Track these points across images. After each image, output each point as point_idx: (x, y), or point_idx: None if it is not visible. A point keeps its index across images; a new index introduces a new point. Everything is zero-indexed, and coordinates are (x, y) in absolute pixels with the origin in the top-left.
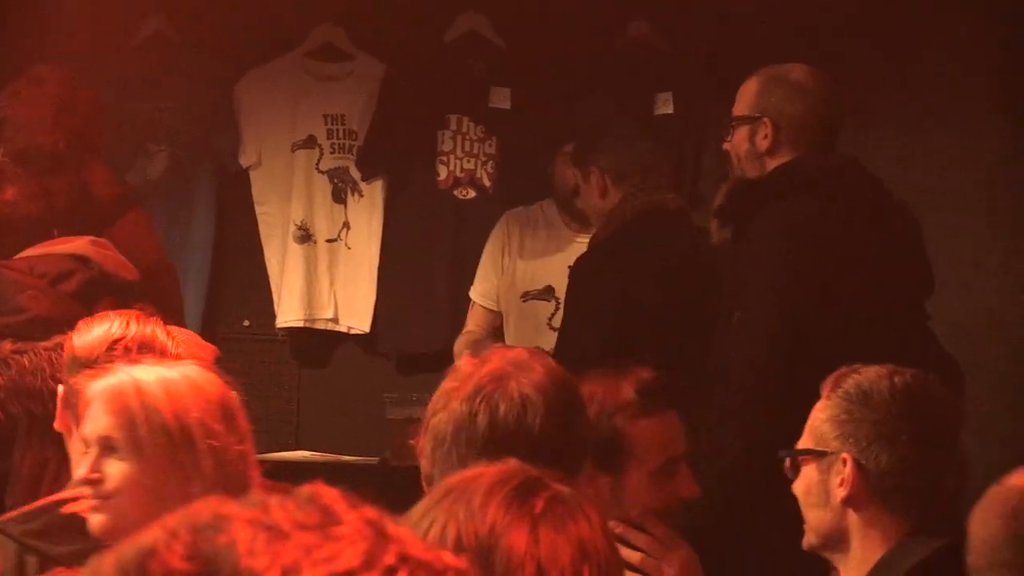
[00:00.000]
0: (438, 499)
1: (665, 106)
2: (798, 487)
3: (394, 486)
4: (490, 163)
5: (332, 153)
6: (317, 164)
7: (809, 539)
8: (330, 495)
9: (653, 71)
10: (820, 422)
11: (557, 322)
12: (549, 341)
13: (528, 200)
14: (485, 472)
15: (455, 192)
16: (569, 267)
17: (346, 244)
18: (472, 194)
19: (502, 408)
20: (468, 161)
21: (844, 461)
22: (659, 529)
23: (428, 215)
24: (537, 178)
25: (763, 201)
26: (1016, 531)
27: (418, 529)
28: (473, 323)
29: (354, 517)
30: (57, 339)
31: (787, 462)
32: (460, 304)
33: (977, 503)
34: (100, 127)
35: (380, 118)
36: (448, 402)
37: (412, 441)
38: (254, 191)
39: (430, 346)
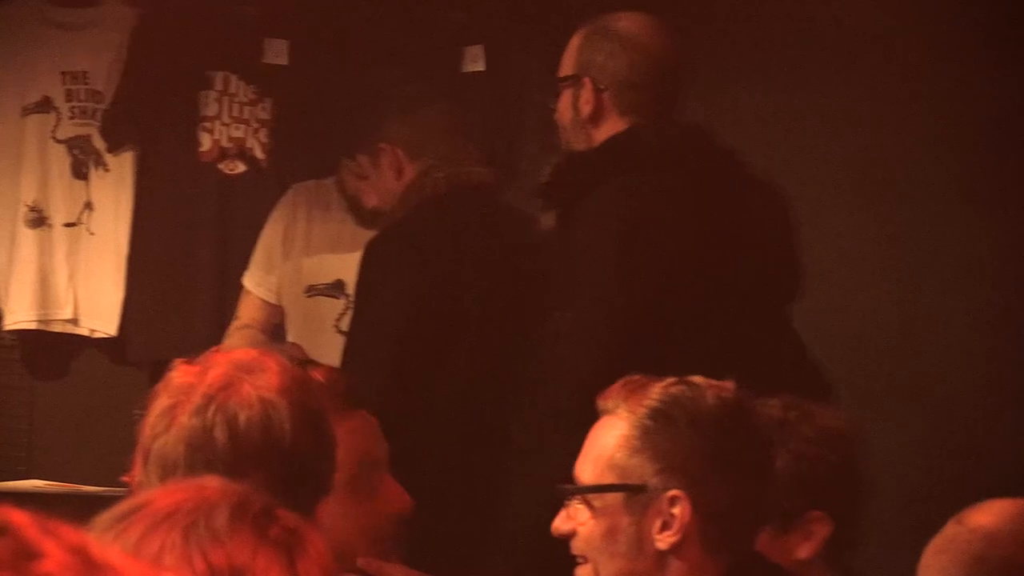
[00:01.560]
0: (159, 521)
1: (475, 62)
2: (591, 530)
3: None
4: (263, 131)
5: (72, 119)
6: (53, 132)
7: None
8: (21, 521)
9: (461, 19)
10: (622, 450)
11: (346, 324)
12: (335, 345)
13: (309, 176)
14: (208, 490)
15: (220, 165)
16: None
17: (88, 229)
18: (241, 168)
19: (242, 417)
20: (236, 128)
21: (673, 500)
22: (398, 571)
23: (188, 193)
24: (321, 149)
25: (592, 180)
26: None
27: (140, 557)
28: (248, 316)
29: (54, 547)
30: None
31: (569, 501)
32: (226, 300)
33: (933, 543)
34: None
35: (130, 76)
36: (171, 420)
37: (124, 477)
38: None
39: (190, 351)
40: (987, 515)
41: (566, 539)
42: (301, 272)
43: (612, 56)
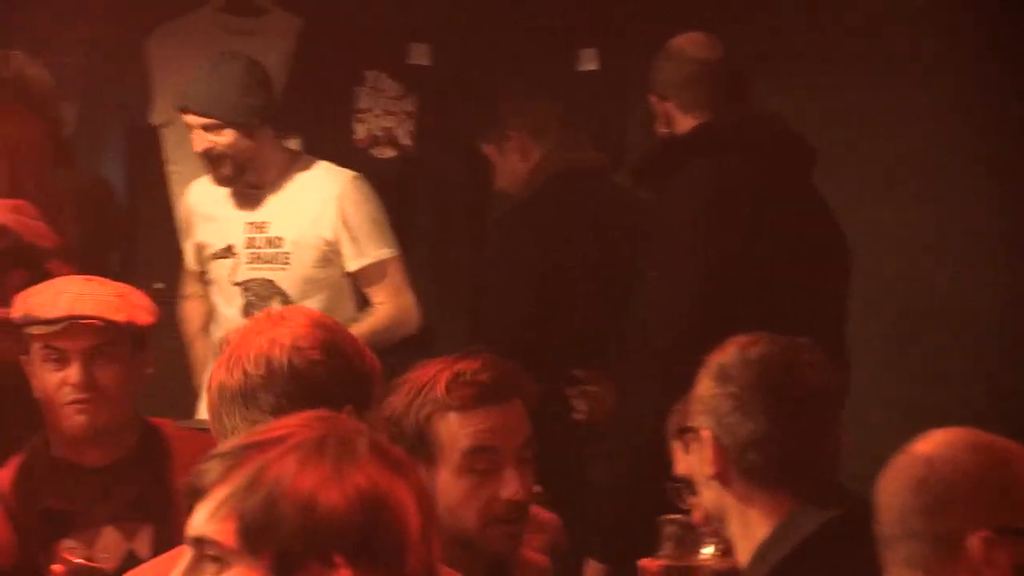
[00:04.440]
0: (311, 452)
1: (590, 62)
2: (688, 467)
3: None
4: (409, 121)
5: None
6: None
7: (700, 518)
8: None
9: (577, 26)
10: (693, 400)
11: (239, 276)
12: (234, 294)
13: (447, 159)
14: (338, 422)
15: (373, 151)
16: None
17: None
18: (391, 153)
19: (277, 355)
20: (386, 119)
21: (705, 438)
22: None
23: None
24: (458, 136)
25: (681, 159)
26: (925, 502)
27: (326, 488)
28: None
29: None
30: None
31: (677, 443)
32: None
33: (884, 472)
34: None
35: (295, 75)
36: (232, 369)
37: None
38: (165, 150)
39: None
40: (928, 443)
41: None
42: (202, 245)
43: (662, 71)
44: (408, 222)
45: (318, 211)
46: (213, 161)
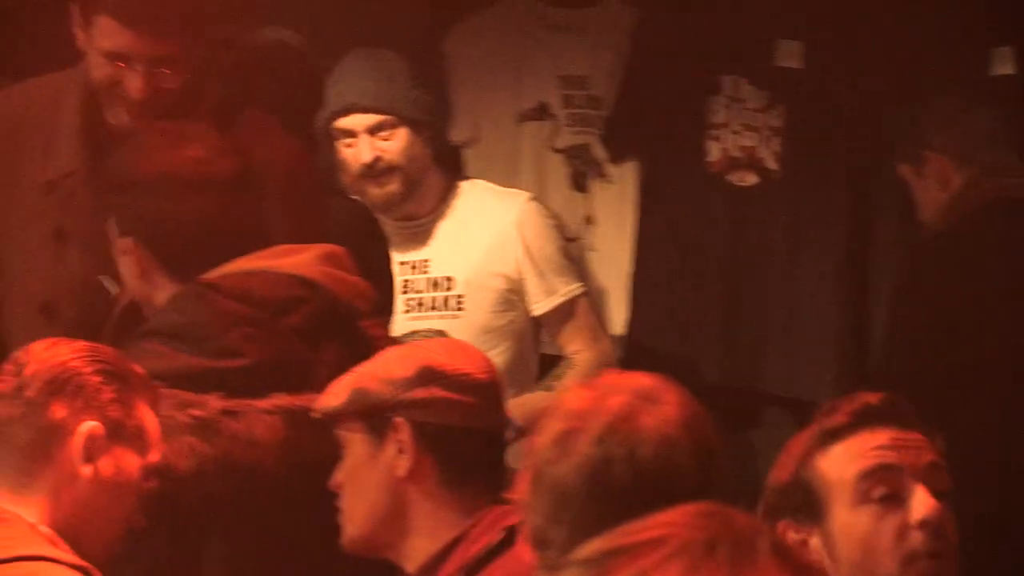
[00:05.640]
0: (700, 557)
1: (1005, 64)
2: None
3: None
4: (776, 139)
5: (570, 126)
6: (550, 141)
7: None
8: None
9: (988, 19)
10: None
11: None
12: None
13: (823, 186)
14: (731, 518)
15: (730, 177)
16: None
17: (589, 245)
18: (753, 179)
19: (643, 451)
20: (747, 137)
21: None
22: None
23: (695, 207)
24: (837, 158)
25: None
26: None
27: None
28: None
29: None
30: (277, 399)
31: None
32: (735, 323)
33: None
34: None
35: (632, 81)
36: (568, 447)
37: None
38: (470, 173)
39: (694, 379)
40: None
41: None
42: None
43: None
44: (772, 265)
45: (495, 243)
46: (379, 177)
